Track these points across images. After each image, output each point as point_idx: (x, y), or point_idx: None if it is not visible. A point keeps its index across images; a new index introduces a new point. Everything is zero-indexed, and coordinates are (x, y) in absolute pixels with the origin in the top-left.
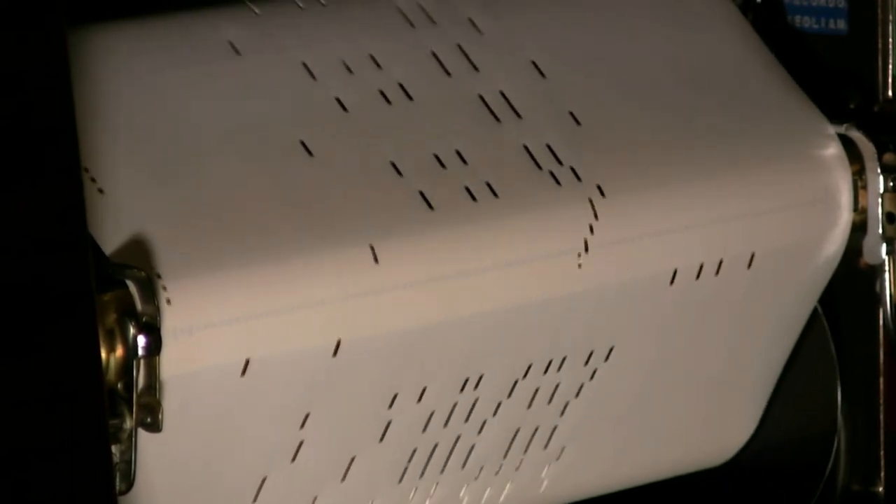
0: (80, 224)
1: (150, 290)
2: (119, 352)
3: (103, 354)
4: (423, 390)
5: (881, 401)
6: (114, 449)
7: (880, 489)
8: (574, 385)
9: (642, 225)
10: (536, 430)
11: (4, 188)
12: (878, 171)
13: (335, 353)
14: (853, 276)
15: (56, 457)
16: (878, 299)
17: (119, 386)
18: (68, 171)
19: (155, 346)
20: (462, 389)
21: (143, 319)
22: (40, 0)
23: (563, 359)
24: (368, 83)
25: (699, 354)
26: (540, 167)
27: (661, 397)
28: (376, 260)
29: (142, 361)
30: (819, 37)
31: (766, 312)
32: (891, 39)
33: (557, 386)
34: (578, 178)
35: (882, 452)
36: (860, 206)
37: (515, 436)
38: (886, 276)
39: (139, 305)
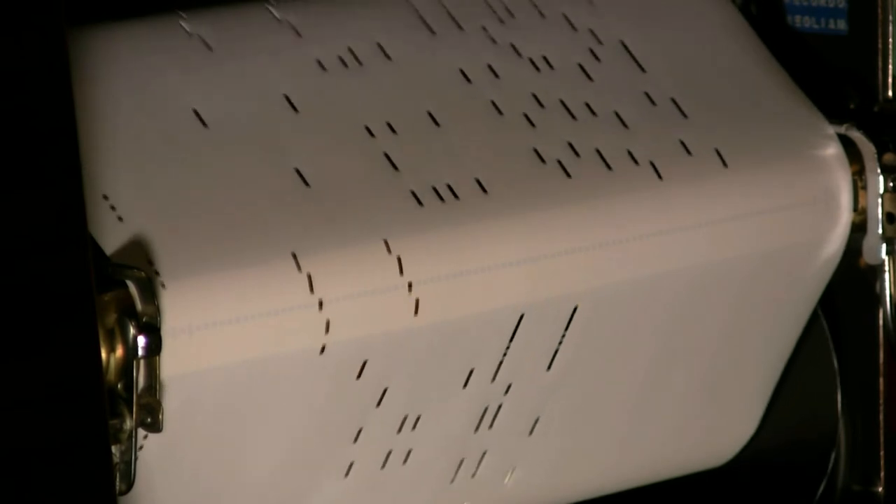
0: (80, 224)
1: (150, 290)
2: (119, 352)
3: (103, 354)
4: (423, 389)
5: (881, 401)
6: (114, 449)
7: (880, 489)
8: (574, 385)
9: (641, 225)
10: (535, 429)
11: (4, 188)
12: (878, 171)
13: (335, 352)
14: (853, 276)
15: (56, 457)
16: (878, 299)
17: (119, 386)
18: (68, 172)
19: (155, 346)
20: (465, 385)
21: (143, 319)
22: (40, 0)
23: (563, 359)
24: (366, 77)
25: (699, 354)
26: (538, 166)
27: (662, 397)
28: (379, 260)
29: (142, 361)
30: (819, 37)
31: (767, 312)
32: (891, 39)
33: (557, 386)
34: (575, 179)
35: (882, 452)
36: (860, 206)
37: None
38: (886, 276)
39: (139, 305)
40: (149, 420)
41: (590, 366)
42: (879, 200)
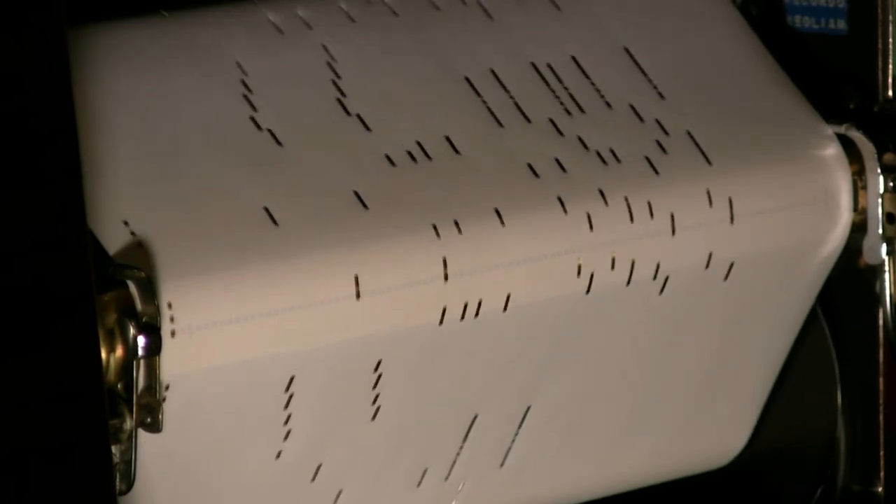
0: (80, 224)
1: (150, 290)
2: (119, 352)
3: (103, 354)
4: (424, 391)
5: (881, 401)
6: (114, 449)
7: (880, 489)
8: (575, 384)
9: (639, 226)
10: (536, 431)
11: (4, 188)
12: (878, 171)
13: (332, 353)
14: (853, 276)
15: (56, 457)
16: (878, 299)
17: (119, 386)
18: (68, 172)
19: (155, 347)
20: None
21: (143, 319)
22: (40, 0)
23: (564, 360)
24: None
25: (698, 355)
26: (537, 171)
27: (660, 399)
28: (376, 260)
29: (142, 362)
30: (819, 37)
31: (765, 313)
32: (891, 39)
33: (559, 386)
34: (575, 180)
35: (882, 452)
36: (860, 206)
37: (516, 437)
38: (886, 276)
39: (139, 305)
40: (149, 420)
41: (587, 366)
42: (879, 200)
